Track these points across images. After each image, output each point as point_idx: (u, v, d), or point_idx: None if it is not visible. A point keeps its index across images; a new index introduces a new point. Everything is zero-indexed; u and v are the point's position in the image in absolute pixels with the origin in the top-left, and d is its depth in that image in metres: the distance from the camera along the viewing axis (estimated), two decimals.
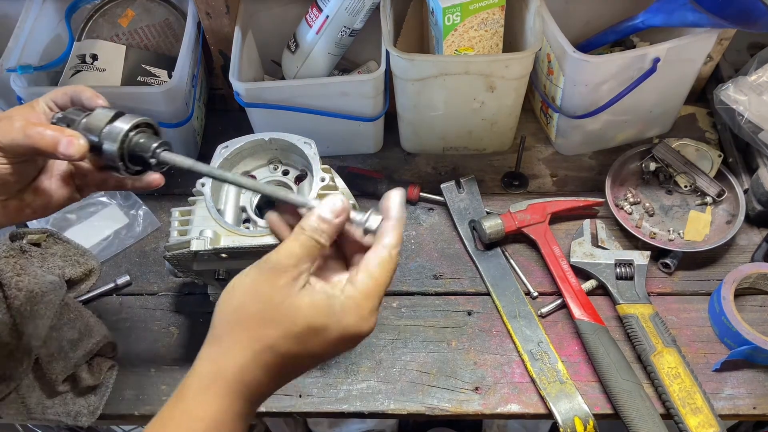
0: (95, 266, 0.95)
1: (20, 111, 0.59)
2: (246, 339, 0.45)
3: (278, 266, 0.45)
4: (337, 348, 0.47)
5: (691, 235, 0.95)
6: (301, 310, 0.45)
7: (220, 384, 0.45)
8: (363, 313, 0.46)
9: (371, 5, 0.94)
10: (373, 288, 0.46)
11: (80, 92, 0.61)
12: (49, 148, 0.54)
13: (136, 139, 0.54)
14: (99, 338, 0.84)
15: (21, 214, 0.61)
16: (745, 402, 0.81)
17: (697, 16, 0.86)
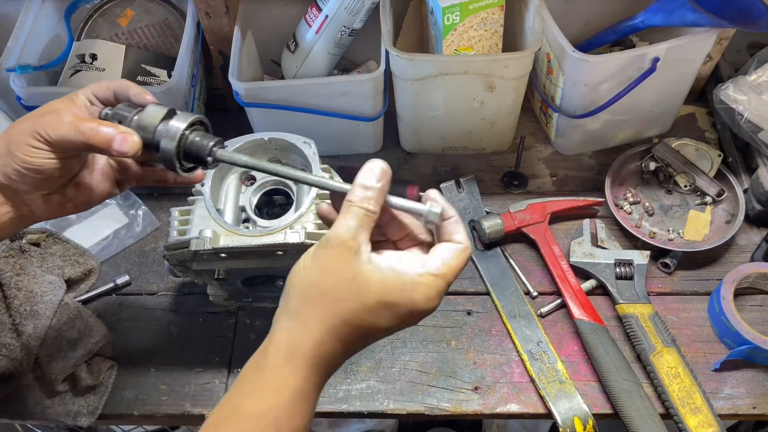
0: (94, 266, 0.95)
1: (63, 104, 0.58)
2: (322, 314, 0.47)
3: (338, 241, 0.47)
4: (403, 322, 0.49)
5: (691, 235, 0.95)
6: (372, 285, 0.47)
7: (299, 358, 0.47)
8: (431, 293, 0.48)
9: (371, 5, 0.94)
10: (444, 272, 0.48)
11: (126, 87, 0.60)
12: (102, 144, 0.54)
13: (192, 137, 0.54)
14: (98, 338, 0.84)
15: (63, 209, 0.61)
16: (744, 402, 0.81)
17: (696, 16, 0.86)
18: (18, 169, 0.55)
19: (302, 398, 0.47)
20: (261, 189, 0.82)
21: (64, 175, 0.59)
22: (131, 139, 0.54)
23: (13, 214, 0.59)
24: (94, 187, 0.62)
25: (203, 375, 0.86)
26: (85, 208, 0.63)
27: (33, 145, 0.54)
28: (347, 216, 0.48)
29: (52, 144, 0.55)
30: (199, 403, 0.84)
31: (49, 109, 0.57)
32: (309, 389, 0.48)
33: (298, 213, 0.74)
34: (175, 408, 0.84)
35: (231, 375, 0.86)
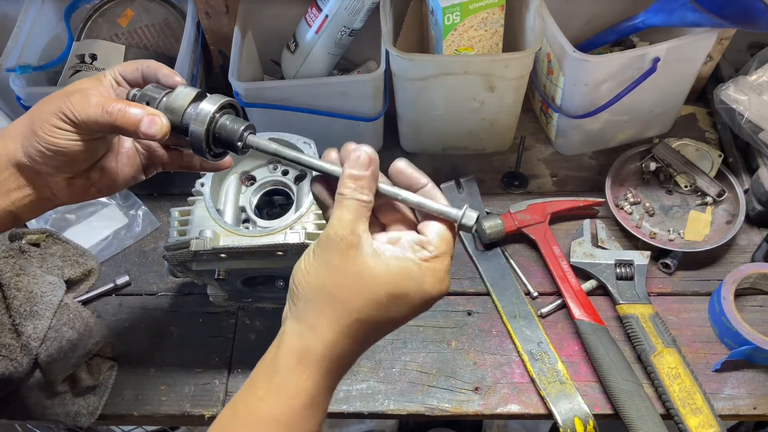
0: (94, 266, 0.95)
1: (90, 83, 0.56)
2: (332, 316, 0.46)
3: (338, 237, 0.46)
4: (416, 311, 0.48)
5: (691, 235, 0.95)
6: (379, 278, 0.45)
7: (311, 363, 0.46)
8: (440, 275, 0.47)
9: (371, 5, 0.93)
10: (445, 249, 0.47)
11: (155, 69, 0.57)
12: (129, 126, 0.52)
13: (223, 121, 0.52)
14: (98, 338, 0.84)
15: (86, 193, 0.59)
16: (745, 402, 0.81)
17: (697, 16, 0.86)
18: (42, 150, 0.53)
19: (315, 402, 0.46)
20: (261, 189, 0.82)
21: (88, 158, 0.57)
22: (159, 121, 0.52)
23: (35, 197, 0.57)
24: (119, 171, 0.60)
25: (203, 375, 0.86)
26: (109, 192, 0.61)
27: (58, 125, 0.53)
28: (342, 210, 0.46)
29: (78, 125, 0.53)
30: (199, 404, 0.84)
31: (76, 88, 0.55)
32: (322, 393, 0.47)
33: (298, 213, 0.74)
34: (175, 408, 0.84)
35: (231, 375, 0.86)
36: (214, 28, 1.00)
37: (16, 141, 0.55)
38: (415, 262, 0.46)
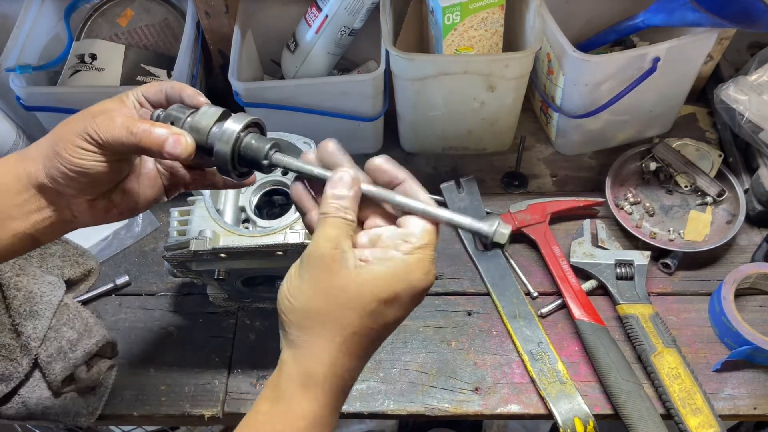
0: (94, 266, 0.95)
1: (113, 105, 0.56)
2: (326, 336, 0.45)
3: (319, 255, 0.45)
4: (408, 309, 0.48)
5: (692, 235, 0.94)
6: (367, 287, 0.45)
7: (314, 386, 0.45)
8: (426, 266, 0.46)
9: (371, 4, 0.93)
10: (428, 239, 0.47)
11: (179, 89, 0.57)
12: (155, 146, 0.52)
13: (248, 140, 0.51)
14: (98, 338, 0.84)
15: (108, 215, 0.59)
16: (745, 402, 0.81)
17: (697, 16, 0.86)
18: (65, 171, 0.52)
19: (321, 423, 0.46)
20: (261, 189, 0.82)
21: (112, 179, 0.56)
22: (184, 141, 0.52)
23: (55, 219, 0.56)
24: (140, 192, 0.59)
25: (203, 375, 0.86)
26: (131, 215, 0.61)
27: (82, 146, 0.52)
28: (326, 227, 0.46)
29: (103, 146, 0.52)
30: (199, 404, 0.84)
31: (99, 108, 0.54)
32: (329, 414, 0.46)
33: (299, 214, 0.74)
34: (174, 408, 0.84)
35: (231, 375, 0.86)
36: (214, 28, 1.00)
37: (38, 162, 0.54)
38: (400, 258, 0.46)
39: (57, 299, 0.85)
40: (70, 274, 0.92)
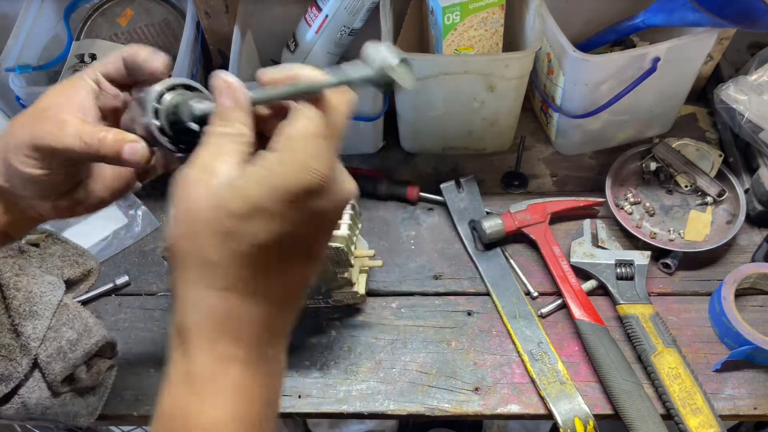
0: (94, 266, 0.95)
1: (66, 98, 0.49)
2: (191, 275, 0.38)
3: (185, 179, 0.38)
4: (290, 218, 0.37)
5: (692, 235, 0.94)
6: (222, 203, 0.37)
7: (189, 339, 0.39)
8: (298, 160, 0.37)
9: (371, 4, 0.93)
10: (303, 126, 0.38)
11: (133, 56, 0.49)
12: (111, 155, 0.47)
13: (171, 101, 0.44)
14: (98, 338, 0.84)
15: (74, 212, 0.55)
16: (745, 402, 0.81)
17: (697, 16, 0.86)
18: (17, 179, 0.49)
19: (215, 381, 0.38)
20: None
21: (70, 182, 0.52)
22: (141, 148, 0.48)
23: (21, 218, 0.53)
24: (107, 186, 0.55)
25: None
26: (100, 207, 0.56)
27: (31, 156, 0.47)
28: (201, 148, 0.39)
29: (54, 155, 0.47)
30: None
31: (49, 106, 0.49)
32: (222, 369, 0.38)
33: None
34: None
35: None
36: (214, 28, 1.00)
37: None
38: (262, 158, 0.37)
39: (57, 299, 0.85)
40: (70, 274, 0.92)
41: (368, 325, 0.89)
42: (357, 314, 0.90)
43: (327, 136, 0.39)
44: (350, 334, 0.88)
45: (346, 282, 0.82)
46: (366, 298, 0.90)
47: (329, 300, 0.88)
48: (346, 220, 0.76)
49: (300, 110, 0.39)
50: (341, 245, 0.73)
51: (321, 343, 0.87)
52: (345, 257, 0.75)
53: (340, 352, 0.87)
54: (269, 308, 0.38)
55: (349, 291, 0.85)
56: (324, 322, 0.89)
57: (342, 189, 0.40)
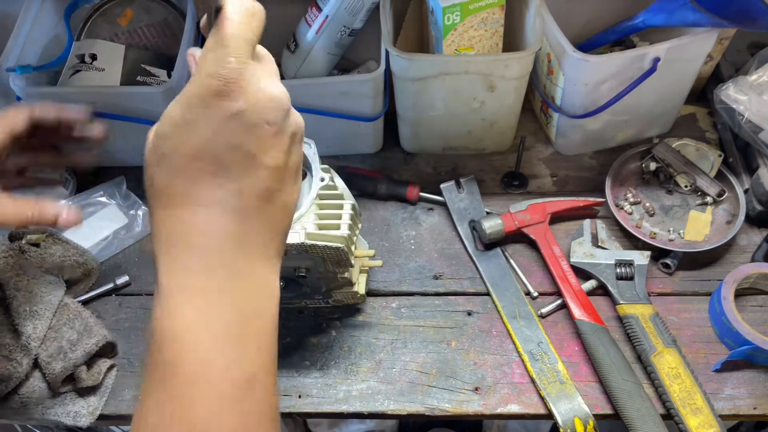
0: (94, 266, 0.95)
1: None
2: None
3: None
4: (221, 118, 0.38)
5: (692, 235, 0.94)
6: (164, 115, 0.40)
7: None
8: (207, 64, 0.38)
9: (371, 5, 0.93)
10: (210, 43, 0.39)
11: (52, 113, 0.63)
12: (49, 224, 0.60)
13: None
14: (98, 338, 0.84)
15: None
16: (745, 402, 0.81)
17: (697, 16, 0.86)
18: None
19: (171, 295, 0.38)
20: None
21: None
22: (75, 212, 0.59)
23: None
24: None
25: None
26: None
27: None
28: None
29: None
30: None
31: None
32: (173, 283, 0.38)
33: (298, 213, 0.74)
34: None
35: None
36: None
37: None
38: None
39: (57, 299, 0.85)
40: (70, 274, 0.92)
41: (368, 325, 0.89)
42: (357, 314, 0.90)
43: (224, 45, 0.39)
44: (350, 334, 0.88)
45: (346, 282, 0.83)
46: (366, 298, 0.90)
47: (329, 300, 0.88)
48: (346, 220, 0.76)
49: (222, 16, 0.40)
50: (341, 245, 0.73)
51: (321, 343, 0.87)
52: (345, 257, 0.75)
53: (340, 352, 0.87)
54: (226, 218, 0.39)
55: (349, 291, 0.85)
56: (324, 322, 0.89)
57: (263, 91, 0.40)
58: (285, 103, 0.41)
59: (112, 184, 1.04)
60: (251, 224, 0.39)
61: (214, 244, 0.38)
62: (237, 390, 0.37)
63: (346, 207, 0.77)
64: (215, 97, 0.38)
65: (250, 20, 0.41)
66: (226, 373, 0.37)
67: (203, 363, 0.36)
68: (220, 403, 0.36)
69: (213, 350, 0.37)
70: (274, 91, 0.41)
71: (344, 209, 0.77)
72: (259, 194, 0.40)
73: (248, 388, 0.37)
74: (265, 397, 0.38)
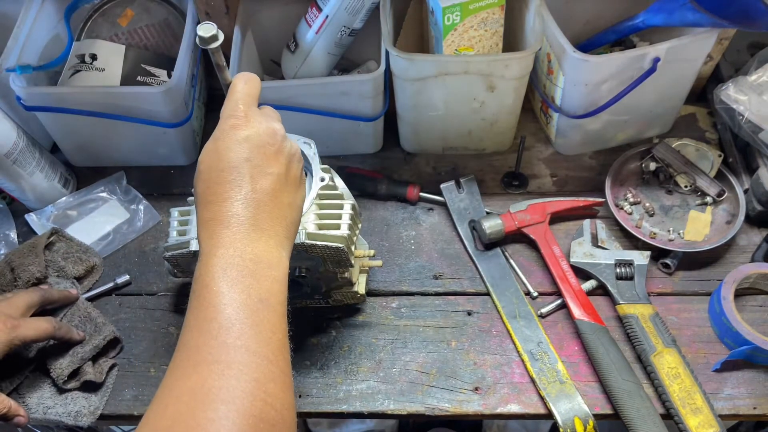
0: (97, 263, 0.95)
1: None
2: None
3: None
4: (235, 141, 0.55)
5: (691, 235, 0.95)
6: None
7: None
8: (225, 121, 0.57)
9: (371, 5, 0.94)
10: (226, 104, 0.58)
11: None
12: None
13: None
14: (106, 333, 0.85)
15: None
16: (745, 402, 0.81)
17: (697, 16, 0.86)
18: None
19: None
20: None
21: None
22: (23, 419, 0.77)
23: None
24: None
25: None
26: None
27: None
28: None
29: None
30: None
31: None
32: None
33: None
34: None
35: None
36: None
37: None
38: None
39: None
40: (74, 272, 0.92)
41: (368, 325, 0.89)
42: (357, 314, 0.90)
43: (234, 99, 0.58)
44: (350, 334, 0.88)
45: (346, 282, 0.83)
46: (366, 298, 0.91)
47: (329, 300, 0.88)
48: (346, 220, 0.76)
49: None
50: (341, 245, 0.73)
51: (321, 343, 0.87)
52: (345, 257, 0.75)
53: (340, 352, 0.87)
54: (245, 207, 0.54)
55: (349, 291, 0.85)
56: (324, 322, 0.89)
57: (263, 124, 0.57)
58: (280, 133, 0.59)
59: (113, 179, 1.04)
60: (262, 212, 0.54)
61: (239, 223, 0.53)
62: (252, 305, 0.50)
63: (346, 207, 0.77)
64: (231, 129, 0.56)
65: (249, 84, 0.60)
66: (243, 295, 0.50)
67: (226, 291, 0.50)
68: (239, 310, 0.49)
69: (232, 282, 0.50)
70: (271, 125, 0.58)
71: (344, 209, 0.77)
72: (267, 192, 0.55)
73: (262, 307, 0.50)
74: (276, 317, 0.51)
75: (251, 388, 0.46)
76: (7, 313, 0.76)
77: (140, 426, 0.44)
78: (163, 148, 1.03)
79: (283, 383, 0.48)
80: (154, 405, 0.46)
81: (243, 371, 0.46)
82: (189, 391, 0.45)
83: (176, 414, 0.44)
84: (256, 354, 0.48)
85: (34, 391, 0.82)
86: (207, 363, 0.46)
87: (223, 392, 0.44)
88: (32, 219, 1.00)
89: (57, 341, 0.82)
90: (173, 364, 0.48)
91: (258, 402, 0.45)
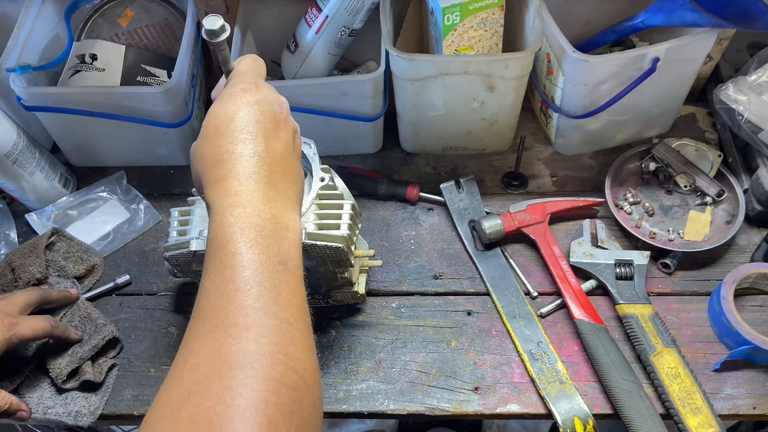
0: (98, 262, 0.95)
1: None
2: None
3: None
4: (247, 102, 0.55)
5: (691, 235, 0.95)
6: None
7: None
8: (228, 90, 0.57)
9: (371, 5, 0.94)
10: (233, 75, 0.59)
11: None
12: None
13: None
14: (105, 333, 0.85)
15: None
16: (744, 402, 0.81)
17: (696, 16, 0.86)
18: None
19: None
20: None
21: None
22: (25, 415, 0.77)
23: None
24: None
25: None
26: None
27: None
28: None
29: None
30: None
31: None
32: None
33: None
34: None
35: None
36: None
37: None
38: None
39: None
40: (75, 271, 0.92)
41: (368, 325, 0.89)
42: (357, 314, 0.90)
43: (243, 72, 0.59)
44: (350, 334, 0.88)
45: (346, 282, 0.83)
46: (366, 298, 0.91)
47: (329, 300, 0.88)
48: (346, 220, 0.76)
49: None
50: (341, 245, 0.73)
51: (321, 343, 0.87)
52: (345, 257, 0.75)
53: (340, 351, 0.87)
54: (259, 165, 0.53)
55: (349, 291, 0.86)
56: (324, 322, 0.89)
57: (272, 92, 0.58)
58: (286, 105, 0.59)
59: (113, 179, 1.04)
60: (274, 171, 0.53)
61: (256, 179, 0.52)
62: (272, 267, 0.48)
63: (346, 207, 0.77)
64: (242, 92, 0.55)
65: (258, 62, 0.61)
66: (263, 256, 0.48)
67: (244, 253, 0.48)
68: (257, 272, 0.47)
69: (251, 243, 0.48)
70: (278, 96, 0.59)
71: (344, 209, 0.77)
72: (278, 153, 0.55)
73: (282, 269, 0.49)
74: (294, 279, 0.50)
75: (271, 351, 0.43)
76: (6, 311, 0.75)
77: (155, 402, 0.42)
78: (163, 148, 1.03)
79: (304, 346, 0.46)
80: (169, 378, 0.44)
81: (262, 334, 0.44)
82: (205, 359, 0.43)
83: (192, 384, 0.42)
84: (275, 316, 0.45)
85: (34, 391, 0.82)
86: (224, 327, 0.44)
87: (240, 357, 0.42)
88: (32, 219, 1.00)
89: (55, 340, 0.82)
90: (188, 333, 0.46)
91: (278, 365, 0.43)
